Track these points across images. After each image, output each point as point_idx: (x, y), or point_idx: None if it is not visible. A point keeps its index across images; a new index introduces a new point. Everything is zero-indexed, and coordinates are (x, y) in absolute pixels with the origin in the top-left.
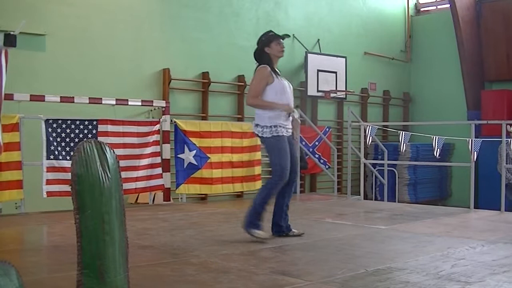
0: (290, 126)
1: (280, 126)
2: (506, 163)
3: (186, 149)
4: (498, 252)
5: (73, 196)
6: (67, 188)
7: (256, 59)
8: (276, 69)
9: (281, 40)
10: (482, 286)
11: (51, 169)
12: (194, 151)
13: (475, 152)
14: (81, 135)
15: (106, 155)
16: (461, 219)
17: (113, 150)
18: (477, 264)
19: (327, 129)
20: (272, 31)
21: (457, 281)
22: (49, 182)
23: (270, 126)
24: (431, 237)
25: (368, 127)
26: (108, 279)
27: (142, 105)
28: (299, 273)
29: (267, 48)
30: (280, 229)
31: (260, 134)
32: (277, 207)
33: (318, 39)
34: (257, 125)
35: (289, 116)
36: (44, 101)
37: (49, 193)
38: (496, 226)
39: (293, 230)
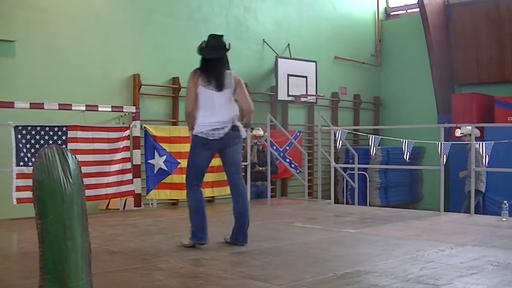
0: None
1: (199, 132)
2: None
3: (156, 154)
4: (466, 254)
5: (34, 202)
6: None
7: (227, 62)
8: None
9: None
10: None
11: (21, 175)
12: (164, 157)
13: (445, 156)
14: (50, 141)
15: (68, 160)
16: (430, 222)
17: (75, 156)
18: (445, 267)
19: (298, 134)
20: None
21: (425, 283)
22: (19, 188)
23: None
24: (401, 240)
25: (338, 131)
26: (70, 284)
27: (112, 111)
28: (268, 277)
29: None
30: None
31: (243, 136)
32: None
33: (288, 44)
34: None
35: None
36: (13, 107)
37: (19, 200)
38: (465, 228)
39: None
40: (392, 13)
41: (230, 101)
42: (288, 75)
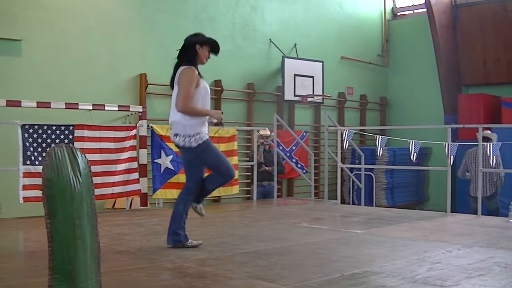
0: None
1: (202, 133)
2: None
3: (162, 154)
4: (473, 255)
5: (44, 201)
6: None
7: (181, 55)
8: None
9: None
10: None
11: (27, 174)
12: (171, 156)
13: (452, 156)
14: (57, 140)
15: (77, 159)
16: (437, 223)
17: (85, 155)
18: (452, 268)
19: (304, 134)
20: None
21: (432, 284)
22: (25, 187)
23: (194, 135)
24: (408, 241)
25: (344, 131)
26: (79, 284)
27: (118, 110)
28: (274, 277)
29: (199, 47)
30: (179, 237)
31: (182, 144)
32: (177, 215)
33: (295, 44)
34: (176, 135)
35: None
36: (20, 106)
37: (26, 199)
38: (472, 230)
39: (190, 240)
40: (399, 13)
41: (172, 102)
42: (295, 75)
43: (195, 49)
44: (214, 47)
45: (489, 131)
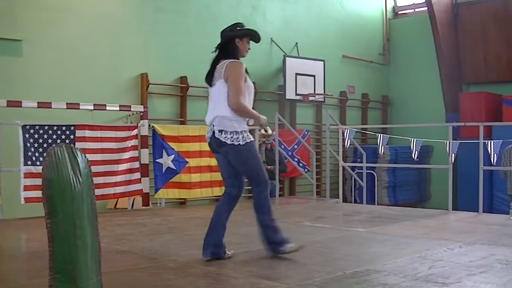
0: None
1: (247, 131)
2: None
3: (164, 153)
4: (475, 253)
5: (44, 201)
6: None
7: (220, 50)
8: None
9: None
10: (459, 287)
11: (28, 175)
12: (173, 156)
13: (453, 154)
14: (58, 141)
15: (77, 159)
16: (439, 221)
17: (85, 155)
18: (454, 265)
19: (306, 133)
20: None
21: (434, 282)
22: (27, 188)
23: (241, 132)
24: (410, 239)
25: (346, 130)
26: (80, 284)
27: (120, 110)
28: (277, 276)
29: (238, 40)
30: (219, 250)
31: (229, 142)
32: (219, 224)
33: (296, 43)
34: (221, 131)
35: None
36: (21, 107)
37: (27, 199)
38: (474, 227)
39: (227, 252)
40: (400, 12)
41: (216, 97)
42: (296, 74)
43: (235, 44)
44: (254, 37)
45: None
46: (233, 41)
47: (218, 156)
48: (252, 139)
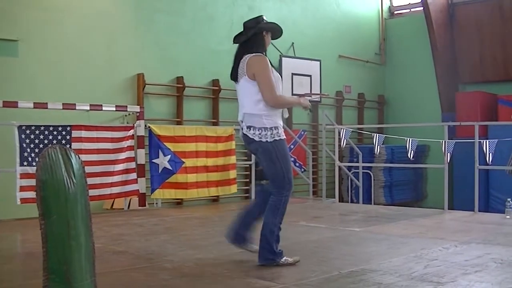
0: None
1: (279, 127)
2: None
3: (160, 154)
4: (470, 252)
5: (38, 202)
6: None
7: (246, 43)
8: None
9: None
10: (454, 286)
11: (24, 175)
12: (169, 156)
13: (449, 154)
14: (54, 141)
15: (71, 160)
16: (435, 220)
17: (79, 156)
18: (449, 265)
19: (302, 133)
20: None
21: (429, 281)
22: (22, 188)
23: (271, 128)
24: (405, 238)
25: (342, 130)
26: (74, 284)
27: (116, 111)
28: (273, 276)
29: (265, 33)
30: (243, 240)
31: (257, 138)
32: (250, 217)
33: (292, 43)
34: (250, 127)
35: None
36: (17, 107)
37: (23, 200)
38: (470, 226)
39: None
40: (396, 12)
41: (242, 94)
42: (292, 74)
43: (263, 36)
44: (277, 32)
45: None
46: (261, 34)
47: (255, 156)
48: (284, 137)
